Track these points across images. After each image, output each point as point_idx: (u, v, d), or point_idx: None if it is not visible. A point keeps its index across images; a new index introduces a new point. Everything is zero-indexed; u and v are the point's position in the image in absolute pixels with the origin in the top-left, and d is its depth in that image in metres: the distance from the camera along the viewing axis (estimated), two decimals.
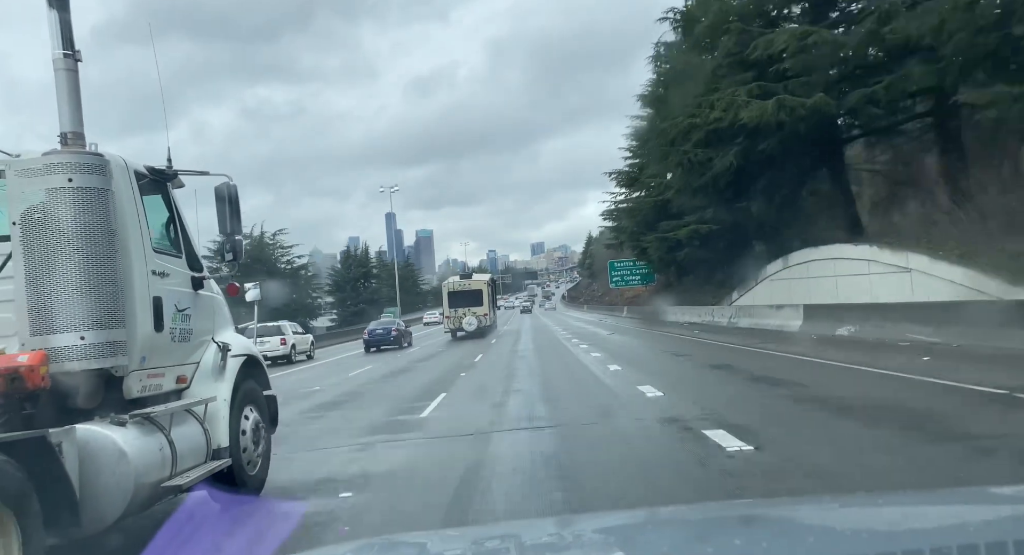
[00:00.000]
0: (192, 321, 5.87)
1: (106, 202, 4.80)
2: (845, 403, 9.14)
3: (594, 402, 11.11)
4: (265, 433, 6.73)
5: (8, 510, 3.51)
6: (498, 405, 11.56)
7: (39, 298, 4.58)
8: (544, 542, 1.90)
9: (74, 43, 4.95)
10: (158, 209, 5.74)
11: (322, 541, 4.95)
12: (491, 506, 5.68)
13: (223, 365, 6.15)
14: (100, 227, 4.73)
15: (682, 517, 2.14)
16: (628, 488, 5.91)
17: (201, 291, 6.10)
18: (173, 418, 5.30)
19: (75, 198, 4.66)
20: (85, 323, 4.61)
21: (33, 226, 4.61)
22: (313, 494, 6.56)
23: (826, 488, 5.43)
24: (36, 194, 4.64)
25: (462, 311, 39.35)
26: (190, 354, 5.91)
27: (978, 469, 5.61)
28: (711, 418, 8.50)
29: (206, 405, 5.75)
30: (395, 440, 9.18)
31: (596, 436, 8.31)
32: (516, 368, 18.81)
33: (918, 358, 12.10)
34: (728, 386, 12.29)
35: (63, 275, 4.60)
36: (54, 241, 4.61)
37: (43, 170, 4.65)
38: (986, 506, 1.89)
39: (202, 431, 5.63)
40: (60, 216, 4.62)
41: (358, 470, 7.51)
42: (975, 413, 7.81)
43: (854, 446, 6.73)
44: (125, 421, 4.78)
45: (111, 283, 4.77)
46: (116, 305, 4.80)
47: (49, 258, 4.60)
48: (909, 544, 1.49)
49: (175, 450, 5.12)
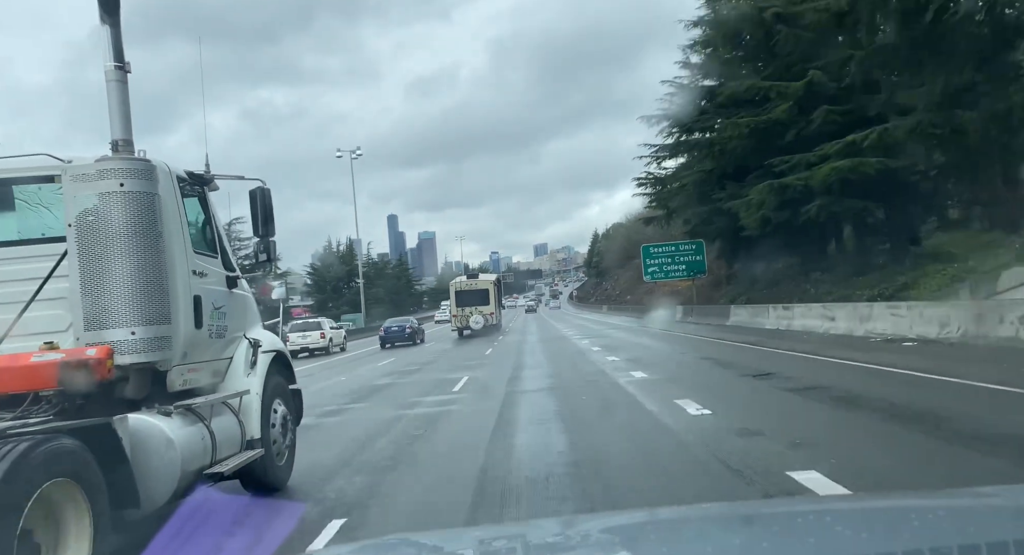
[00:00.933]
0: (227, 319, 6.17)
1: (153, 206, 5.11)
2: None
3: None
4: (292, 425, 7.04)
5: (81, 489, 3.82)
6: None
7: (93, 296, 4.89)
8: (548, 542, 1.93)
9: (124, 55, 5.26)
10: (195, 211, 6.05)
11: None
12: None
13: (254, 360, 6.46)
14: (148, 229, 5.04)
15: (684, 517, 2.17)
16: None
17: (234, 290, 6.42)
18: (212, 410, 5.62)
19: (126, 202, 4.96)
20: (135, 319, 4.92)
21: (87, 228, 4.92)
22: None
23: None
24: (89, 198, 4.94)
25: (469, 310, 39.78)
26: (224, 350, 6.22)
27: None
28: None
29: (240, 398, 6.06)
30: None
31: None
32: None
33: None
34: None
35: (115, 274, 4.91)
36: (107, 242, 4.92)
37: (96, 175, 4.96)
38: (987, 506, 1.89)
39: (237, 422, 5.94)
40: (112, 219, 4.93)
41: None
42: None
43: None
44: (171, 412, 5.09)
45: (158, 282, 5.08)
46: (163, 303, 5.10)
47: (102, 258, 4.91)
48: (909, 544, 1.50)
49: (215, 440, 5.43)
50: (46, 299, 5.05)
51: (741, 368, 13.95)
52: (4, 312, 5.04)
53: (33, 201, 5.34)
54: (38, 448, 3.61)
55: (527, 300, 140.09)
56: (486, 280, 42.83)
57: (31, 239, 5.31)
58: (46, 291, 5.05)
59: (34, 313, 5.03)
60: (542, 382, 14.61)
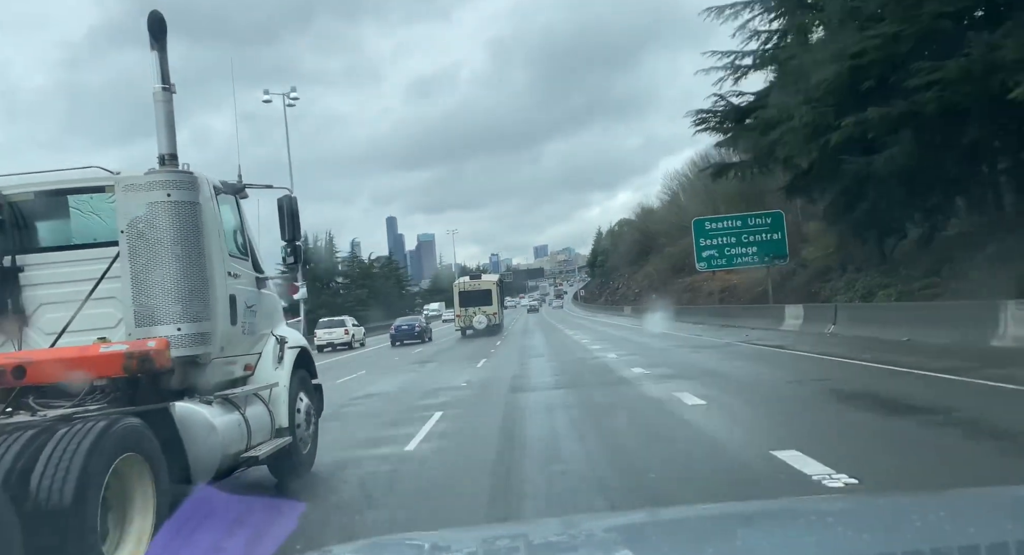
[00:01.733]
0: (257, 316, 6.69)
1: (196, 213, 5.63)
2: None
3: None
4: (314, 417, 7.56)
5: (147, 465, 4.35)
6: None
7: (143, 295, 5.41)
8: (549, 542, 1.94)
9: (169, 77, 5.78)
10: (229, 217, 6.56)
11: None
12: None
13: (281, 356, 6.98)
14: (192, 235, 5.56)
15: (685, 517, 2.18)
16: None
17: (263, 290, 6.94)
18: (246, 400, 6.14)
19: (172, 210, 5.49)
20: (181, 317, 5.44)
21: (137, 234, 5.44)
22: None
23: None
24: (140, 207, 5.46)
25: (472, 310, 40.36)
26: (254, 345, 6.73)
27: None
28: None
29: (270, 390, 6.58)
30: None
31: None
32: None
33: None
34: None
35: (163, 276, 5.43)
36: (155, 247, 5.44)
37: (146, 186, 5.48)
38: (988, 507, 1.89)
39: (267, 412, 6.46)
40: (160, 226, 5.45)
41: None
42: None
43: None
44: (211, 401, 5.61)
45: (200, 283, 5.59)
46: (204, 302, 5.62)
47: (151, 261, 5.43)
48: (910, 545, 1.50)
49: (249, 427, 5.95)
50: (97, 298, 5.57)
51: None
52: (60, 310, 5.57)
53: (86, 209, 5.85)
54: (114, 426, 4.13)
55: (531, 300, 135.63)
56: (489, 281, 43.38)
57: (83, 244, 5.82)
58: (97, 291, 5.57)
59: (87, 311, 5.55)
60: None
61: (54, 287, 5.65)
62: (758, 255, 28.14)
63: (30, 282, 5.64)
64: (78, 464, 3.78)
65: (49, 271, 5.67)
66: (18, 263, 5.64)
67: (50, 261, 5.71)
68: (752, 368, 14.81)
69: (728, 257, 28.57)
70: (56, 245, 5.85)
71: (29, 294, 5.64)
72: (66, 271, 5.68)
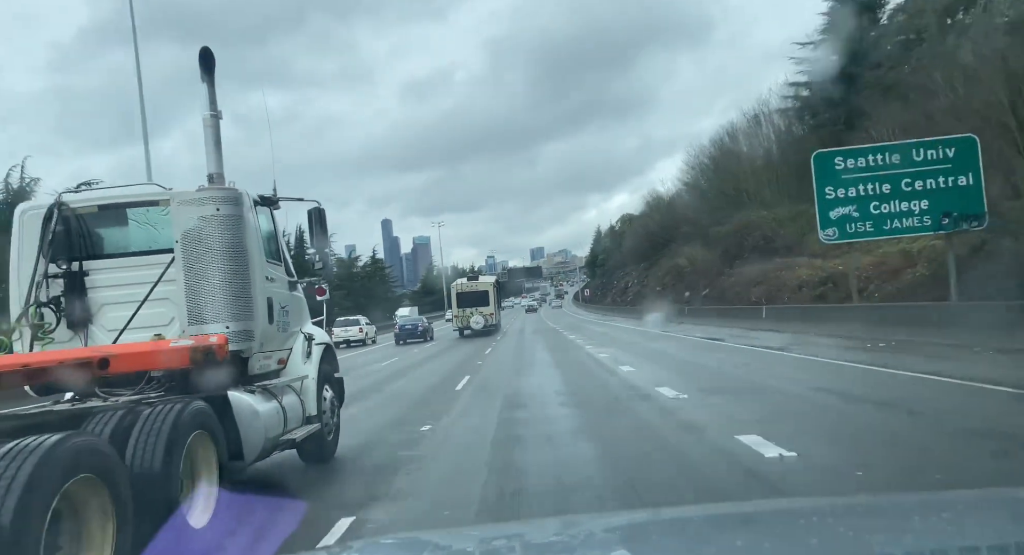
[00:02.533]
0: (288, 316, 7.46)
1: (240, 225, 6.39)
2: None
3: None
4: (337, 408, 8.32)
5: (211, 440, 5.12)
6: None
7: (196, 297, 6.17)
8: (549, 542, 1.95)
9: (216, 105, 6.54)
10: (266, 227, 7.32)
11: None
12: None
13: (310, 351, 7.74)
14: (237, 244, 6.32)
15: (685, 517, 2.20)
16: None
17: (294, 292, 7.70)
18: (281, 390, 6.90)
19: (220, 223, 6.25)
20: (229, 316, 6.20)
21: (191, 244, 6.20)
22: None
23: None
24: (192, 220, 6.22)
25: (469, 311, 41.16)
26: (286, 342, 7.49)
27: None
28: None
29: (302, 381, 7.35)
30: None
31: None
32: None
33: None
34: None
35: (213, 280, 6.19)
36: (206, 255, 6.20)
37: (197, 201, 6.25)
38: (988, 508, 1.88)
39: (299, 401, 7.22)
40: (210, 236, 6.21)
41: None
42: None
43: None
44: (254, 390, 6.38)
45: (244, 286, 6.36)
46: (247, 303, 6.38)
47: (202, 267, 6.19)
48: (911, 546, 1.52)
49: (285, 414, 6.71)
50: (153, 299, 6.33)
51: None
52: (120, 310, 6.33)
53: (142, 221, 6.61)
54: (188, 408, 4.91)
55: (531, 299, 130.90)
56: (486, 282, 44.21)
57: (140, 251, 6.58)
58: (153, 293, 6.32)
59: (144, 310, 6.31)
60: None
61: (114, 289, 6.40)
62: (930, 214, 18.47)
63: (94, 285, 6.40)
64: (164, 437, 4.55)
65: (110, 275, 6.43)
66: (84, 268, 6.40)
67: (111, 266, 6.46)
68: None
69: (878, 218, 18.91)
70: (116, 252, 6.60)
71: (93, 296, 6.39)
72: (125, 275, 6.43)
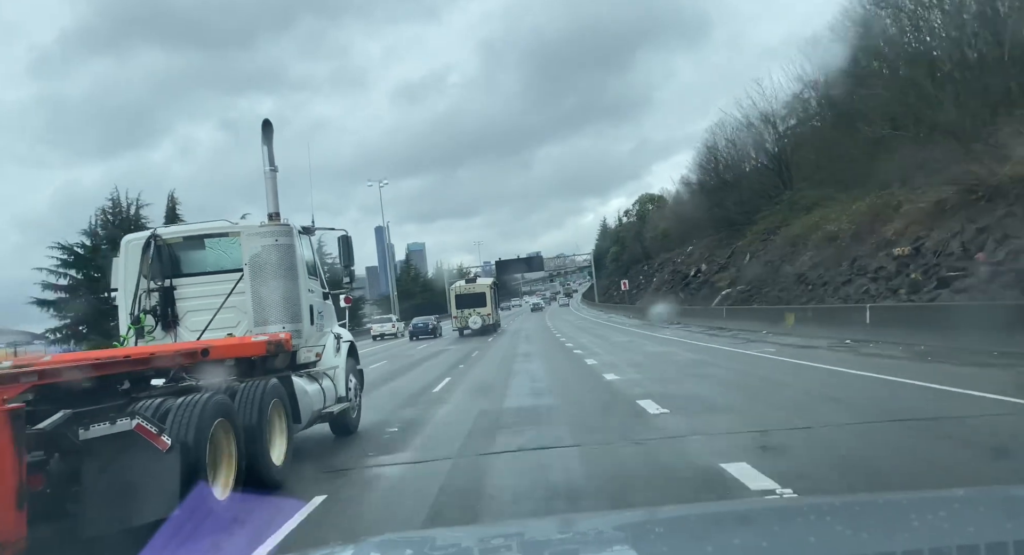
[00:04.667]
0: (323, 319, 9.58)
1: (293, 251, 8.52)
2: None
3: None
4: (359, 391, 10.45)
5: (283, 406, 7.26)
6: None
7: (260, 305, 8.30)
8: (549, 541, 1.98)
9: (274, 161, 8.69)
10: (307, 251, 9.45)
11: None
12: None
13: (338, 347, 9.87)
14: (290, 265, 8.45)
15: (684, 516, 2.20)
16: None
17: (326, 301, 9.84)
18: (320, 376, 9.03)
19: (278, 250, 8.38)
20: (284, 319, 8.32)
21: (256, 265, 8.33)
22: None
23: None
24: (257, 247, 8.35)
25: (468, 311, 43.44)
26: (321, 339, 9.61)
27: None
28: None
29: (334, 370, 9.48)
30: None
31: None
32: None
33: None
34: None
35: (273, 293, 8.31)
36: (267, 273, 8.32)
37: (261, 234, 8.37)
38: (986, 506, 1.90)
39: (333, 385, 9.35)
40: (271, 260, 8.34)
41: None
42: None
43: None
44: (302, 375, 8.50)
45: (295, 297, 8.48)
46: (297, 310, 8.51)
47: (265, 283, 8.31)
48: (909, 544, 1.52)
49: (325, 394, 8.84)
50: (226, 308, 8.46)
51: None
52: (200, 315, 8.45)
53: (217, 248, 8.74)
54: (269, 383, 7.04)
55: (539, 297, 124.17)
56: (483, 284, 46.49)
57: (215, 270, 8.69)
58: (226, 302, 8.45)
59: (219, 315, 8.44)
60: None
61: (195, 300, 8.54)
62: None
63: (180, 297, 8.53)
64: (256, 404, 6.68)
65: (192, 289, 8.56)
66: (173, 284, 8.53)
67: (193, 282, 8.59)
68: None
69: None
70: (196, 271, 8.72)
71: (180, 305, 8.53)
72: (203, 289, 8.56)
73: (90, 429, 4.65)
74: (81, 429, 4.64)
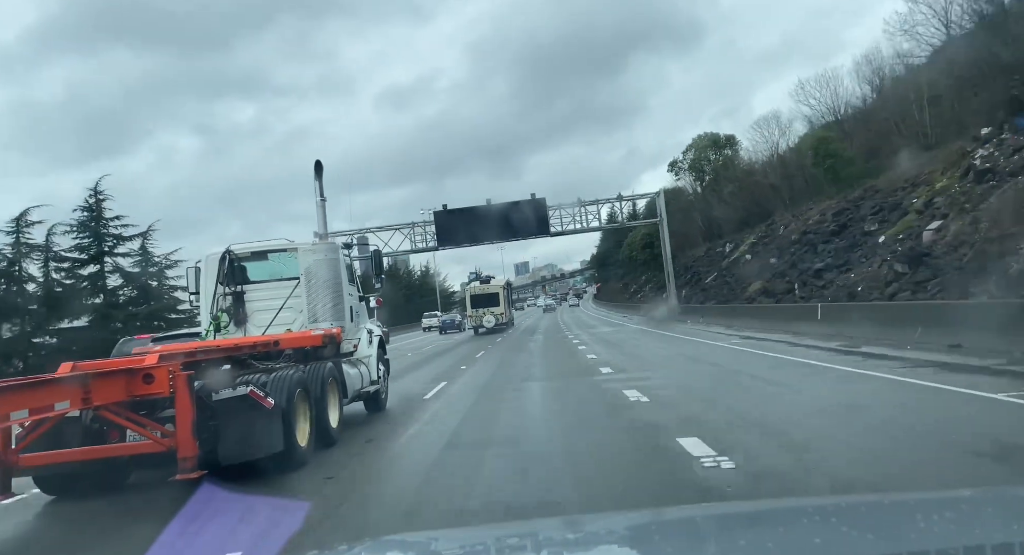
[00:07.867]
0: (359, 317, 11.84)
1: (338, 263, 10.77)
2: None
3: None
4: (387, 378, 12.69)
5: (337, 383, 9.50)
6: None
7: (313, 307, 10.54)
8: (551, 541, 2.02)
9: (323, 193, 10.95)
10: (348, 263, 11.69)
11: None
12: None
13: (371, 339, 12.12)
14: (336, 275, 10.70)
15: (688, 517, 2.23)
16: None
17: (361, 302, 12.10)
18: (357, 363, 11.28)
19: (326, 263, 10.62)
20: (332, 318, 10.57)
21: (309, 276, 10.57)
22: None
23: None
24: (309, 261, 10.60)
25: (482, 311, 45.96)
26: (357, 333, 11.86)
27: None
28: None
29: (368, 358, 11.72)
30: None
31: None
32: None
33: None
34: None
35: (323, 297, 10.56)
36: (319, 282, 10.57)
37: (313, 250, 10.63)
38: (992, 507, 1.90)
39: (368, 370, 11.58)
40: (321, 271, 10.59)
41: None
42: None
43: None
44: (344, 361, 10.75)
45: (339, 300, 10.73)
46: (340, 310, 10.75)
47: (316, 289, 10.56)
48: (915, 545, 1.53)
49: (362, 377, 11.09)
50: (285, 308, 10.72)
51: None
52: (264, 315, 10.71)
53: (277, 261, 11.00)
54: (327, 365, 9.29)
55: (550, 297, 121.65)
56: (496, 285, 49.13)
57: (275, 279, 10.95)
58: (285, 305, 10.71)
59: (280, 315, 10.70)
60: None
61: (260, 303, 10.80)
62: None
63: (249, 300, 10.80)
64: (320, 380, 8.91)
65: (258, 294, 10.83)
66: (243, 289, 10.80)
67: (258, 288, 10.86)
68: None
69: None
70: (261, 280, 10.98)
71: (248, 307, 10.80)
72: (267, 293, 10.83)
73: (220, 393, 6.91)
74: (213, 393, 6.90)
